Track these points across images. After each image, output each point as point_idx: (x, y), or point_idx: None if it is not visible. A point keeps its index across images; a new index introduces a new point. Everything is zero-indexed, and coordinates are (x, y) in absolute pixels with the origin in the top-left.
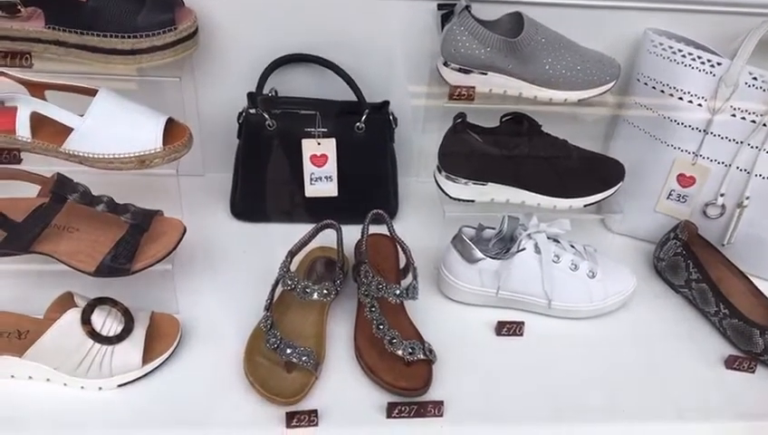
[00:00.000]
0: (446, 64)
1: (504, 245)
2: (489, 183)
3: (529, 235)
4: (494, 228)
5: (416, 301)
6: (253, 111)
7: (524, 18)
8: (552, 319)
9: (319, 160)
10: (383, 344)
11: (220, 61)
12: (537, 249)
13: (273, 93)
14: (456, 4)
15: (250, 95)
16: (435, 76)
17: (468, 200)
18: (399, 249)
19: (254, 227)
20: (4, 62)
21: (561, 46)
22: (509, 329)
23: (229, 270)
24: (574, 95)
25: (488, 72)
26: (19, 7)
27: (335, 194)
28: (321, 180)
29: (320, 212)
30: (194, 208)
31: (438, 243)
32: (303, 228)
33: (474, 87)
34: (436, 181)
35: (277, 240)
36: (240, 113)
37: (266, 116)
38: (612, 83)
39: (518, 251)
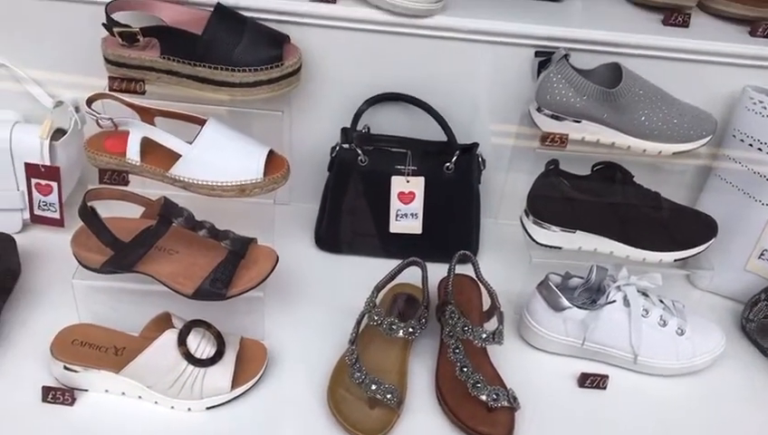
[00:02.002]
0: (539, 110)
1: (591, 295)
2: (578, 231)
3: (618, 286)
4: (581, 277)
5: (494, 345)
6: (346, 146)
7: (623, 69)
8: (636, 374)
9: (406, 198)
10: (466, 387)
11: (315, 96)
12: (626, 302)
13: (366, 130)
14: (554, 52)
15: (344, 130)
16: (524, 120)
17: (555, 247)
18: (483, 292)
19: (336, 257)
20: (119, 87)
21: (659, 99)
22: (592, 381)
23: (311, 299)
24: (669, 148)
25: (582, 120)
26: (138, 37)
27: (419, 231)
28: (406, 217)
29: (401, 248)
30: (279, 236)
31: (519, 287)
32: (384, 262)
33: (567, 134)
34: (523, 225)
35: (358, 272)
36: (333, 147)
37: (359, 152)
38: (708, 138)
39: (607, 303)
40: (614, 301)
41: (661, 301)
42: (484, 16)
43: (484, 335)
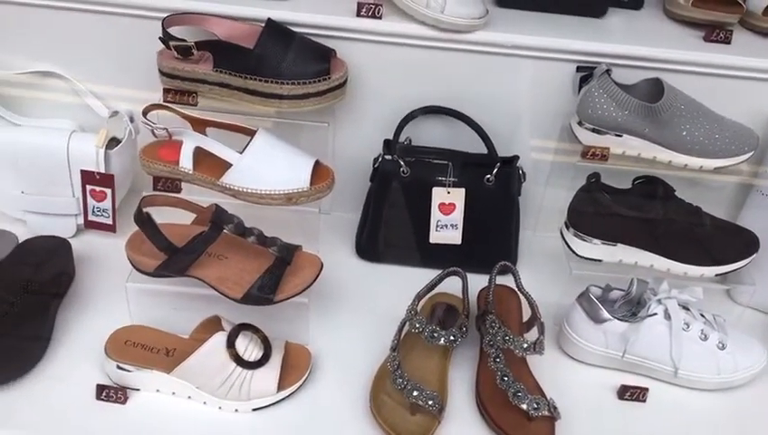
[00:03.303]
0: (580, 124)
1: (631, 307)
2: (619, 244)
3: (659, 300)
4: (621, 290)
5: (534, 356)
6: (389, 157)
7: (665, 84)
8: (676, 388)
9: (447, 209)
10: (506, 396)
11: (358, 108)
12: (667, 315)
13: (408, 142)
14: (595, 67)
15: (386, 142)
16: (564, 134)
17: (596, 260)
18: (522, 302)
19: (376, 266)
20: (173, 99)
21: (700, 114)
22: (632, 394)
23: (352, 306)
24: (711, 163)
25: (624, 134)
26: (193, 51)
27: (458, 242)
28: (446, 228)
29: (440, 258)
30: (320, 245)
31: (557, 299)
32: (423, 272)
33: (608, 148)
34: (563, 238)
35: (397, 281)
36: (376, 158)
37: (401, 163)
38: (750, 154)
39: (648, 315)
40: (655, 314)
41: (702, 315)
42: (525, 32)
43: (525, 345)
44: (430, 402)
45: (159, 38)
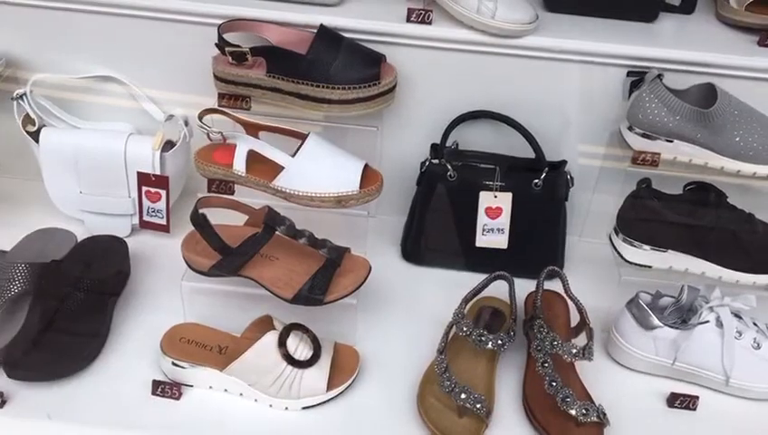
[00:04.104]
0: (630, 129)
1: (681, 314)
2: (669, 250)
3: (711, 307)
4: (672, 296)
5: (582, 361)
6: (436, 161)
7: (718, 90)
8: (727, 396)
9: (493, 213)
10: (555, 401)
11: (405, 112)
12: (719, 323)
13: (455, 146)
14: (647, 72)
15: (434, 146)
16: (613, 139)
17: (645, 266)
18: (570, 307)
19: (420, 269)
20: (227, 103)
21: (754, 120)
22: (682, 402)
23: (397, 309)
24: (765, 169)
25: (675, 139)
26: (247, 56)
27: (505, 246)
28: (492, 232)
29: (486, 262)
30: (366, 247)
31: (606, 304)
32: (468, 276)
33: (659, 153)
34: (612, 243)
35: (442, 284)
36: (423, 162)
37: (449, 167)
38: None
39: (699, 323)
40: (707, 321)
41: (755, 323)
42: (575, 36)
43: (575, 350)
44: (478, 405)
45: (215, 44)
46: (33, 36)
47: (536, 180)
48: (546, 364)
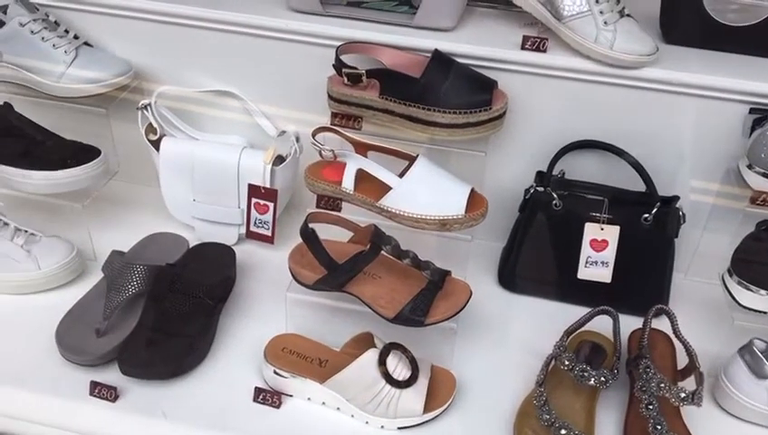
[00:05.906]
0: (750, 167)
1: None
2: None
3: None
4: None
5: (687, 406)
6: (541, 188)
7: None
8: None
9: (599, 245)
10: None
11: (513, 138)
12: None
13: (561, 175)
14: None
15: (539, 174)
16: (729, 177)
17: (761, 311)
18: (677, 349)
19: (517, 297)
20: (340, 122)
21: None
22: None
23: (494, 336)
24: None
25: None
26: (362, 78)
27: (608, 280)
28: (596, 265)
29: (587, 295)
30: (466, 271)
31: (714, 348)
32: (567, 308)
33: None
34: (725, 285)
35: (539, 314)
36: (527, 189)
37: (554, 195)
38: None
39: None
40: None
41: None
42: (695, 70)
43: (683, 395)
44: None
45: (333, 65)
46: (159, 50)
47: (646, 215)
48: (651, 407)
